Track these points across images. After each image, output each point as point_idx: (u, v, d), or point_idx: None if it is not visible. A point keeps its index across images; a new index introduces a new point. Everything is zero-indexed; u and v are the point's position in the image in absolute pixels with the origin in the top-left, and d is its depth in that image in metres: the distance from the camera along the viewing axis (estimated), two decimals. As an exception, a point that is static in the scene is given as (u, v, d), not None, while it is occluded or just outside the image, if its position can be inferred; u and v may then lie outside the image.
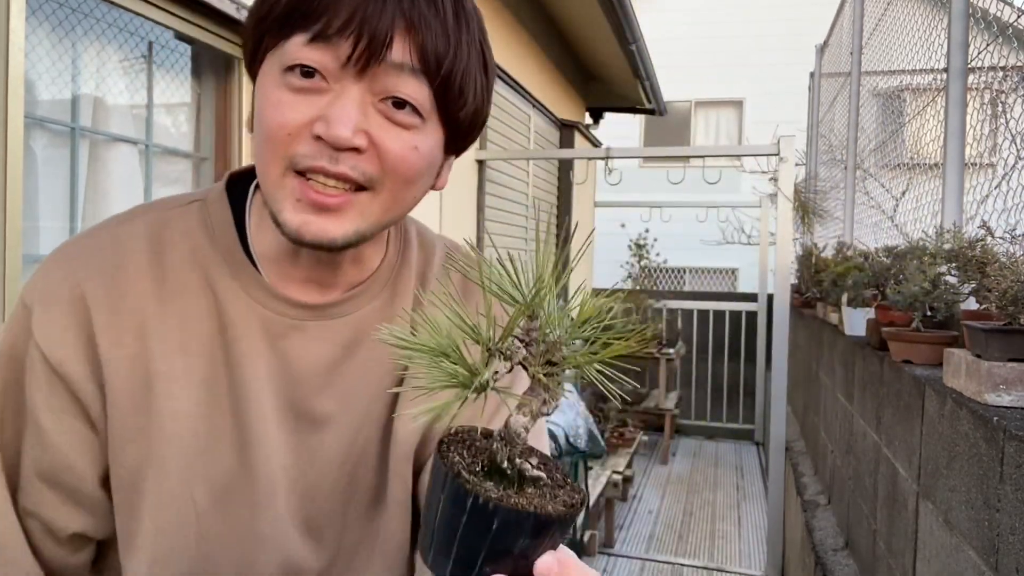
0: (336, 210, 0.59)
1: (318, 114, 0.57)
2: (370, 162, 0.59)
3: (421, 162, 0.61)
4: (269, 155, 0.59)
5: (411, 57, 0.57)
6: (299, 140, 0.57)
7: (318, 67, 0.56)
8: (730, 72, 10.25)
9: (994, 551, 1.05)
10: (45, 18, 1.59)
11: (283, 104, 0.57)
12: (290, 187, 0.59)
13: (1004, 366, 1.15)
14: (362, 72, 0.57)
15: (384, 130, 0.59)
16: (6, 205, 1.35)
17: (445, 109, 0.61)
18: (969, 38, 1.82)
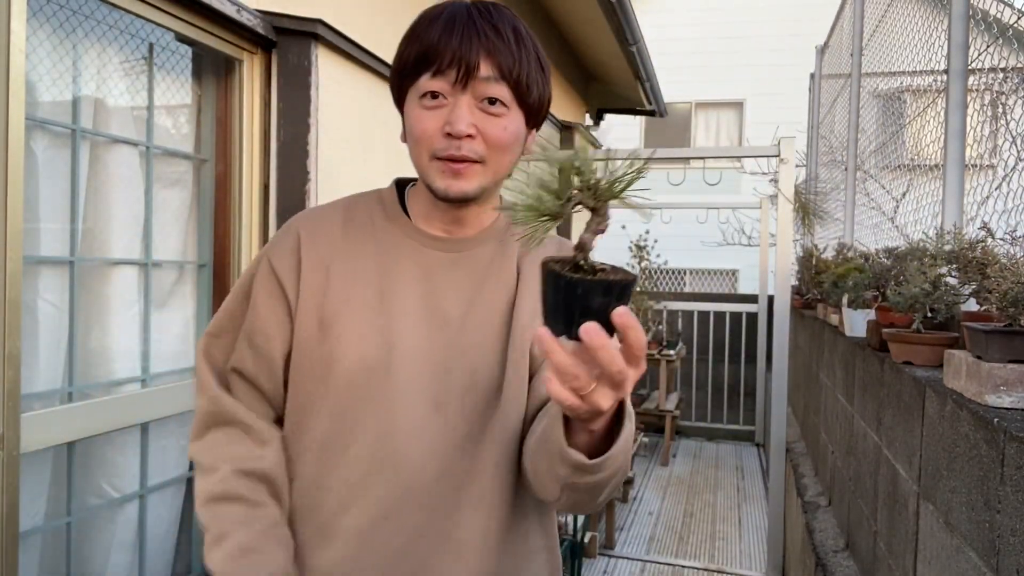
0: (466, 175, 0.93)
1: (445, 120, 0.92)
2: (479, 144, 0.93)
3: (510, 137, 0.95)
4: (420, 149, 0.94)
5: (493, 71, 0.91)
6: (436, 138, 0.92)
7: (440, 91, 0.92)
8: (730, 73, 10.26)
9: (995, 552, 1.05)
10: (46, 20, 1.59)
11: (424, 118, 0.93)
12: (436, 167, 0.94)
13: (1005, 367, 1.15)
14: (465, 87, 0.91)
15: (485, 121, 0.93)
16: (7, 206, 1.35)
17: (520, 99, 0.95)
18: (969, 39, 1.82)
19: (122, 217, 1.79)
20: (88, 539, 1.78)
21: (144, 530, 1.87)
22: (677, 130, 10.54)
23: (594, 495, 0.85)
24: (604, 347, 0.66)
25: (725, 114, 10.63)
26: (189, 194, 2.01)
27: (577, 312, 0.67)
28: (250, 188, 2.08)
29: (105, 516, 1.81)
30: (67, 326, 1.66)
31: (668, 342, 6.23)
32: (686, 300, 6.75)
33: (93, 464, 1.76)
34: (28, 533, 1.58)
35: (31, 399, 1.54)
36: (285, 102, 2.09)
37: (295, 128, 2.09)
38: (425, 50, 0.92)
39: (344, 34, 2.20)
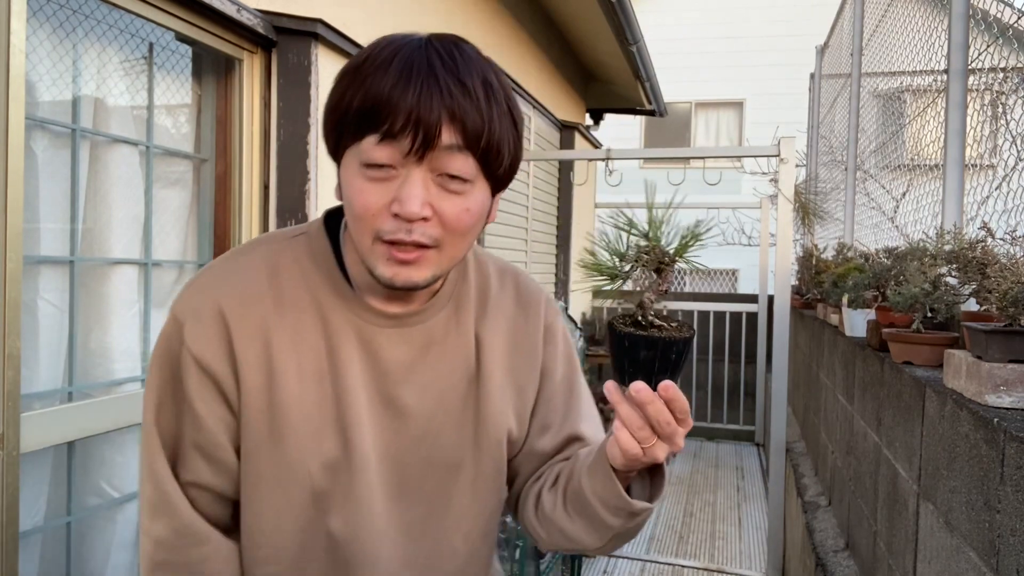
0: (416, 263, 0.78)
1: (393, 196, 0.75)
2: (434, 226, 0.77)
3: (472, 219, 0.80)
4: (361, 229, 0.78)
5: (456, 138, 0.74)
6: (380, 218, 0.76)
7: (388, 161, 0.74)
8: (730, 73, 10.26)
9: (995, 552, 1.05)
10: (46, 19, 1.59)
11: (365, 191, 0.76)
12: (379, 251, 0.78)
13: (1005, 367, 1.15)
14: (421, 159, 0.74)
15: (442, 199, 0.76)
16: (7, 206, 1.35)
17: (488, 169, 0.78)
18: (969, 39, 1.82)
19: (122, 217, 1.79)
20: (88, 539, 1.78)
21: (144, 530, 1.87)
22: (677, 130, 10.55)
23: (633, 535, 0.89)
24: (651, 402, 0.71)
25: (725, 114, 10.63)
26: (189, 194, 2.01)
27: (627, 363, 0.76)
28: (250, 188, 2.08)
29: (105, 516, 1.81)
30: (67, 326, 1.66)
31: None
32: (686, 300, 6.74)
33: (93, 464, 1.76)
34: (28, 533, 1.58)
35: (31, 399, 1.54)
36: (285, 102, 2.09)
37: (295, 128, 2.09)
38: (372, 104, 0.73)
39: (344, 34, 2.20)
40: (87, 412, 1.63)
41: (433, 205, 0.76)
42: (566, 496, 0.88)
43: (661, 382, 0.72)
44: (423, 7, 3.15)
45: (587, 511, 0.84)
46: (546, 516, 0.91)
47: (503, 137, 0.78)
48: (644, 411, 0.72)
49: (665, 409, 0.72)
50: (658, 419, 0.72)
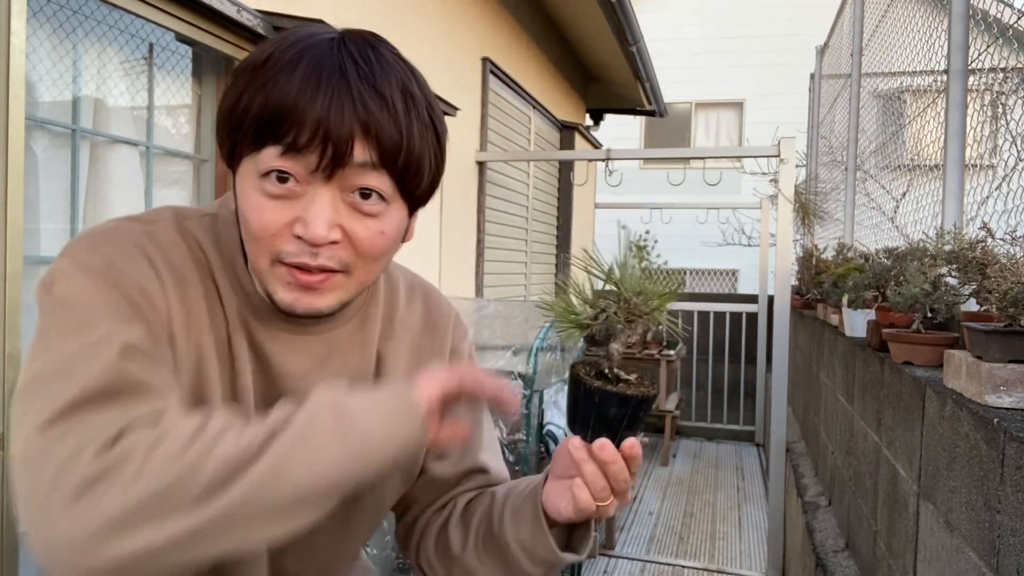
0: (321, 289, 0.69)
1: (296, 216, 0.66)
2: (345, 249, 0.68)
3: (387, 242, 0.71)
4: (257, 249, 0.69)
5: (371, 155, 0.66)
6: (281, 239, 0.67)
7: (291, 172, 0.65)
8: (730, 73, 10.26)
9: (995, 552, 1.05)
10: (46, 20, 1.59)
11: (264, 208, 0.66)
12: (279, 274, 0.69)
13: (1005, 367, 1.15)
14: (330, 176, 0.65)
15: (354, 220, 0.68)
16: (7, 206, 1.35)
17: (405, 189, 0.70)
18: (969, 40, 1.82)
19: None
20: (88, 539, 1.78)
21: (144, 530, 1.87)
22: (677, 130, 10.55)
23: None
24: (615, 462, 0.71)
25: (725, 114, 10.64)
26: (189, 194, 2.02)
27: (593, 418, 0.73)
28: (250, 188, 2.08)
29: (105, 516, 1.81)
30: (67, 326, 1.66)
31: (668, 342, 6.23)
32: (686, 300, 6.75)
33: (93, 464, 1.76)
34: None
35: (31, 399, 1.54)
36: (285, 102, 2.09)
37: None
38: (273, 111, 0.64)
39: (344, 34, 2.20)
40: (87, 412, 1.63)
41: (344, 227, 0.67)
42: (479, 538, 0.83)
43: (625, 440, 0.72)
44: (421, 8, 3.15)
45: (505, 557, 0.80)
46: (452, 556, 0.85)
47: (423, 153, 0.69)
48: (605, 470, 0.72)
49: (625, 469, 0.72)
50: (618, 478, 0.72)
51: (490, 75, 3.95)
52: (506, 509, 0.82)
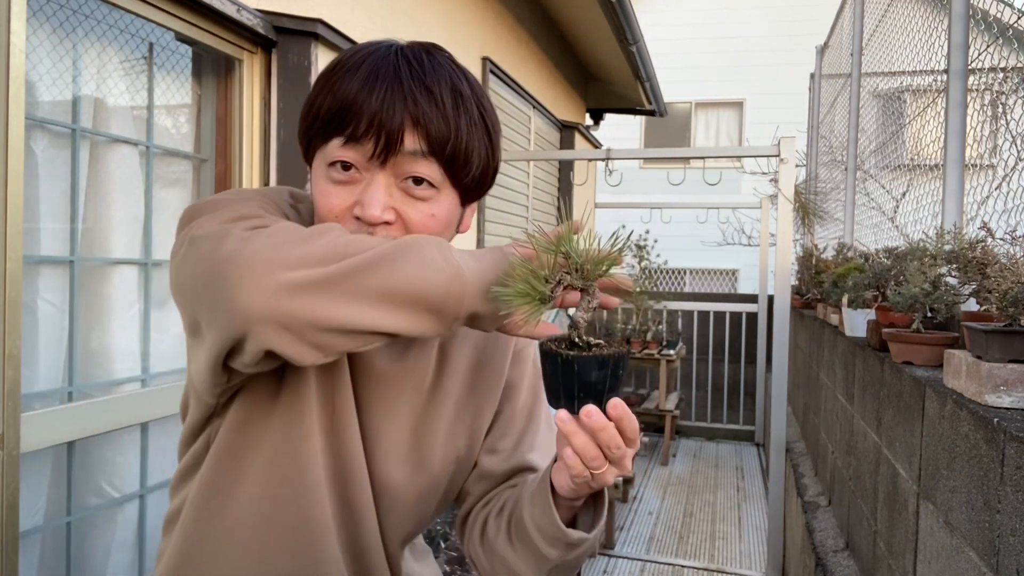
0: None
1: (356, 200, 0.75)
2: (398, 231, 0.76)
3: (438, 225, 0.78)
4: None
5: (420, 144, 0.74)
6: (344, 220, 0.76)
7: (352, 161, 0.75)
8: (730, 73, 10.26)
9: (995, 552, 1.05)
10: (46, 19, 1.59)
11: (330, 193, 0.77)
12: None
13: (1004, 367, 1.15)
14: (384, 163, 0.75)
15: (407, 204, 0.76)
16: (7, 206, 1.35)
17: (454, 177, 0.78)
18: (969, 39, 1.82)
19: (122, 217, 1.79)
20: (88, 539, 1.78)
21: (144, 530, 1.87)
22: (677, 130, 10.55)
23: (574, 569, 0.85)
24: (604, 428, 0.69)
25: (725, 114, 10.63)
26: (189, 194, 2.01)
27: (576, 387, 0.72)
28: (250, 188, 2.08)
29: (105, 516, 1.81)
30: (67, 326, 1.66)
31: (668, 342, 6.23)
32: (686, 300, 6.74)
33: (93, 464, 1.76)
34: (28, 533, 1.58)
35: (31, 399, 1.54)
36: (285, 102, 2.09)
37: (295, 128, 2.08)
38: (338, 107, 0.74)
39: (344, 34, 2.20)
40: (87, 412, 1.63)
41: (397, 210, 0.76)
42: (509, 524, 0.86)
43: (610, 402, 0.70)
44: (423, 7, 3.15)
45: (527, 540, 0.82)
46: (489, 545, 0.89)
47: (472, 146, 0.77)
48: (596, 438, 0.70)
49: (617, 434, 0.70)
50: (609, 444, 0.70)
51: (490, 75, 3.94)
52: (526, 491, 0.84)
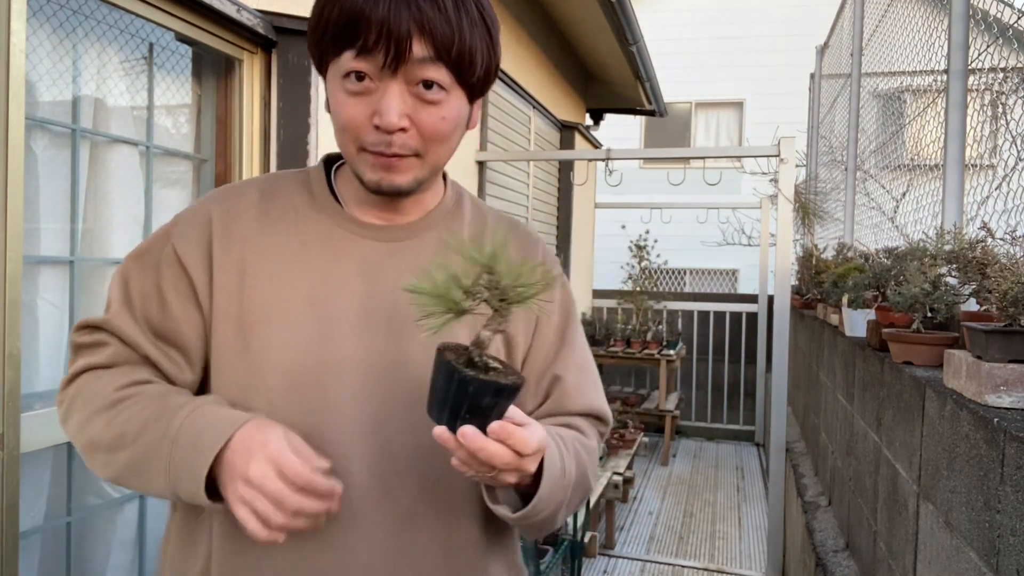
0: (399, 168, 0.83)
1: (373, 109, 0.79)
2: (413, 137, 0.81)
3: (449, 126, 0.83)
4: (346, 139, 0.84)
5: (428, 50, 0.77)
6: (364, 129, 0.81)
7: (365, 71, 0.79)
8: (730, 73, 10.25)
9: (995, 552, 1.05)
10: (46, 19, 1.59)
11: (348, 104, 0.81)
12: (365, 159, 0.83)
13: (1004, 367, 1.15)
14: (395, 71, 0.78)
15: (419, 109, 0.80)
16: (7, 206, 1.35)
17: (462, 78, 0.82)
18: (969, 39, 1.82)
19: (122, 217, 1.79)
20: (88, 539, 1.78)
21: (144, 530, 1.87)
22: (677, 130, 10.54)
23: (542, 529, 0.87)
24: (482, 448, 0.71)
25: (725, 114, 10.63)
26: (189, 194, 2.01)
27: (464, 408, 0.71)
28: (250, 188, 2.08)
29: (105, 516, 1.81)
30: (67, 326, 1.66)
31: (668, 342, 6.23)
32: (686, 300, 6.75)
33: (93, 464, 1.76)
34: (28, 533, 1.58)
35: (31, 399, 1.54)
36: (285, 102, 2.09)
37: (295, 128, 2.09)
38: (347, 19, 0.77)
39: (344, 34, 2.20)
40: (87, 412, 1.63)
41: (411, 116, 0.80)
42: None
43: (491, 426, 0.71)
44: (423, 7, 3.15)
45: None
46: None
47: (475, 46, 0.80)
48: (476, 456, 0.71)
49: (499, 452, 0.71)
50: (490, 462, 0.71)
51: (490, 75, 3.93)
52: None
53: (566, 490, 0.84)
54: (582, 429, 0.95)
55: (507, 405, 0.73)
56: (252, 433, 0.74)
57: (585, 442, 0.93)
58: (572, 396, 0.96)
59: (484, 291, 0.70)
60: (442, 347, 0.73)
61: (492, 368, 0.74)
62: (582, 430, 0.95)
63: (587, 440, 0.94)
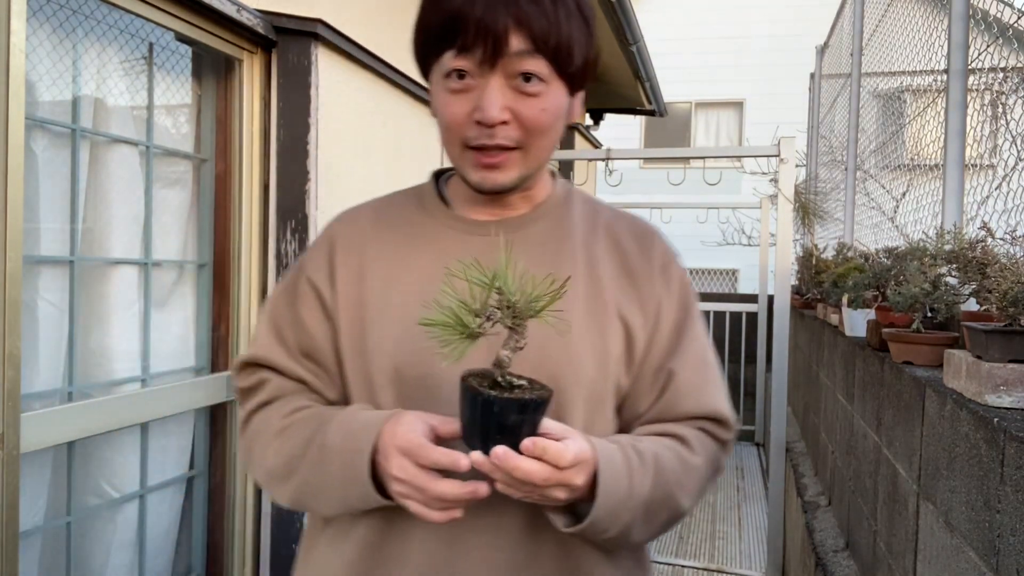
0: (502, 166, 0.85)
1: (474, 105, 0.82)
2: (515, 129, 0.83)
3: (550, 118, 0.84)
4: (450, 138, 0.86)
5: (525, 43, 0.79)
6: (466, 126, 0.83)
7: (465, 69, 0.81)
8: (730, 73, 10.26)
9: (995, 552, 1.05)
10: (46, 19, 1.59)
11: (450, 103, 0.84)
12: (468, 158, 0.85)
13: (1004, 367, 1.15)
14: (493, 66, 0.80)
15: (520, 102, 0.82)
16: (7, 206, 1.35)
17: (560, 69, 0.83)
18: (969, 39, 1.82)
19: (122, 217, 1.79)
20: (88, 539, 1.78)
21: (144, 530, 1.87)
22: (677, 130, 10.54)
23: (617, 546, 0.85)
24: (516, 467, 0.71)
25: (725, 114, 10.63)
26: (189, 194, 2.01)
27: (493, 429, 0.70)
28: (250, 188, 2.08)
29: (105, 516, 1.81)
30: (67, 326, 1.66)
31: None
32: (686, 300, 6.73)
33: (93, 464, 1.76)
34: (28, 533, 1.58)
35: (31, 399, 1.54)
36: (285, 102, 2.09)
37: (295, 128, 2.09)
38: (445, 21, 0.80)
39: (344, 34, 2.20)
40: (87, 412, 1.63)
41: (511, 108, 0.82)
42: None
43: (523, 443, 0.70)
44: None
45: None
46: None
47: (572, 36, 0.81)
48: (512, 476, 0.71)
49: (537, 468, 0.71)
50: (528, 479, 0.71)
51: (490, 75, 3.93)
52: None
53: (635, 511, 0.80)
54: (686, 440, 0.89)
55: (538, 420, 0.73)
56: (388, 429, 0.78)
57: (684, 455, 0.87)
58: (686, 395, 0.91)
59: (496, 311, 0.70)
60: (466, 374, 0.73)
61: (517, 386, 0.73)
62: (686, 441, 0.89)
63: (687, 454, 0.87)
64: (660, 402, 0.91)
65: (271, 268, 2.09)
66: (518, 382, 0.74)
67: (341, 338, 0.90)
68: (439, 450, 0.74)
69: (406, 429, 0.76)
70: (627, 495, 0.79)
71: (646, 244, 0.96)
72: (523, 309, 0.70)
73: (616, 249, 0.94)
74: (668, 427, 0.90)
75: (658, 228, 1.00)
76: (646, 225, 0.99)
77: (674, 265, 0.96)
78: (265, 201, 2.11)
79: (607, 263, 0.92)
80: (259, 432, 0.90)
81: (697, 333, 0.96)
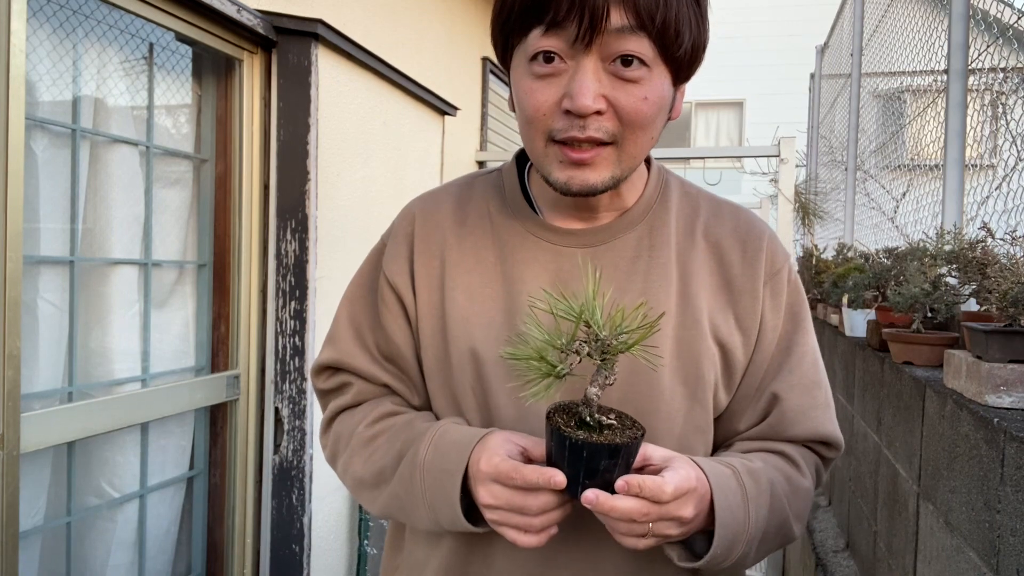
0: (591, 164, 0.72)
1: (563, 92, 0.70)
2: (610, 120, 0.71)
3: (652, 109, 0.72)
4: (532, 132, 0.74)
5: (628, 19, 0.67)
6: (553, 117, 0.71)
7: (555, 50, 0.69)
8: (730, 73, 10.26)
9: (995, 552, 1.05)
10: (46, 19, 1.59)
11: (535, 90, 0.71)
12: (553, 153, 0.73)
13: (1005, 367, 1.15)
14: (589, 45, 0.68)
15: (617, 89, 0.70)
16: (7, 206, 1.35)
17: (666, 53, 0.70)
18: (969, 39, 1.82)
19: (122, 217, 1.79)
20: (88, 539, 1.78)
21: (144, 530, 1.87)
22: (677, 130, 10.55)
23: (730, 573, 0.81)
24: (612, 509, 0.65)
25: (725, 114, 10.64)
26: (189, 194, 2.01)
27: (583, 473, 0.66)
28: (250, 188, 2.08)
29: (105, 516, 1.81)
30: (67, 326, 1.66)
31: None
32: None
33: (93, 464, 1.76)
34: (28, 533, 1.58)
35: (31, 399, 1.54)
36: (285, 102, 2.09)
37: (295, 128, 2.09)
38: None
39: (344, 34, 2.20)
40: (87, 412, 1.63)
41: (607, 97, 0.69)
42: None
43: (616, 483, 0.65)
44: (422, 7, 3.15)
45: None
46: None
47: (681, 14, 0.69)
48: (608, 518, 0.66)
49: (634, 506, 0.65)
50: (631, 518, 0.65)
51: (490, 75, 3.94)
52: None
53: (751, 542, 0.74)
54: (796, 462, 0.83)
55: (632, 459, 0.68)
56: (475, 456, 0.72)
57: (795, 479, 0.81)
58: (793, 422, 0.83)
59: (583, 345, 0.64)
60: (551, 410, 0.69)
61: (607, 425, 0.68)
62: (796, 463, 0.83)
63: (798, 477, 0.82)
64: (763, 424, 0.84)
65: (271, 268, 2.09)
66: (607, 420, 0.69)
67: (422, 344, 0.85)
68: (529, 468, 0.68)
69: (491, 454, 0.70)
70: (743, 526, 0.73)
71: (751, 250, 0.85)
72: (613, 344, 0.64)
73: (716, 259, 0.84)
74: (775, 445, 0.83)
75: (764, 224, 0.89)
76: (751, 223, 0.87)
77: (783, 273, 0.86)
78: (265, 201, 2.11)
79: (704, 276, 0.83)
80: (345, 437, 0.87)
81: (806, 349, 0.86)
